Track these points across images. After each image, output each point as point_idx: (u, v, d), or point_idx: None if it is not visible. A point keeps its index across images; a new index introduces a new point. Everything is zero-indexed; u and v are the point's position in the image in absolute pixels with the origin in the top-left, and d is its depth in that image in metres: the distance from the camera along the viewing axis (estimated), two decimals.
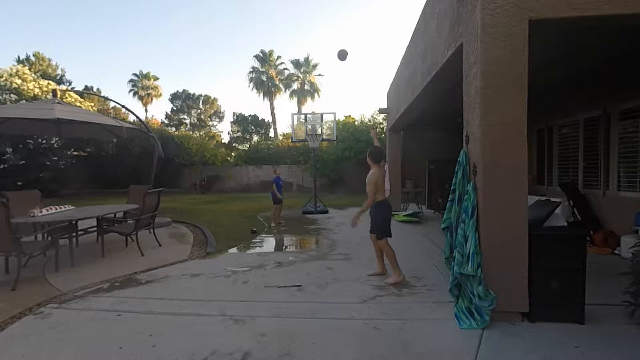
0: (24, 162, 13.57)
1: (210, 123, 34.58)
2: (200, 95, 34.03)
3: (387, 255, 3.87)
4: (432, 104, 6.83)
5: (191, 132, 29.37)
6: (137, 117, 8.78)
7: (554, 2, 2.69)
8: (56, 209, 4.95)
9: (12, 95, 14.57)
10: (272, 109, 31.59)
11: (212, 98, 34.27)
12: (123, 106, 8.47)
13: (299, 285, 3.75)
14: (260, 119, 31.64)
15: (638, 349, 2.39)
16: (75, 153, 17.13)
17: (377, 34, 67.21)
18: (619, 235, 4.81)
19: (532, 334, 2.61)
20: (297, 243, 6.32)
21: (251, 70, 31.13)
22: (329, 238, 6.42)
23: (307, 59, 30.95)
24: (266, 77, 30.87)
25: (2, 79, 14.74)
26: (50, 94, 8.24)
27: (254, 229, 7.22)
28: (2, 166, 13.09)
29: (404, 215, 8.13)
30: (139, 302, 3.32)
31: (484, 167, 2.80)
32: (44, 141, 14.02)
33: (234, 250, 5.64)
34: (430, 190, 10.05)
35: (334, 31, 61.25)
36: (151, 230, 5.77)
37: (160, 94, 34.33)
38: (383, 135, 16.69)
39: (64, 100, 11.50)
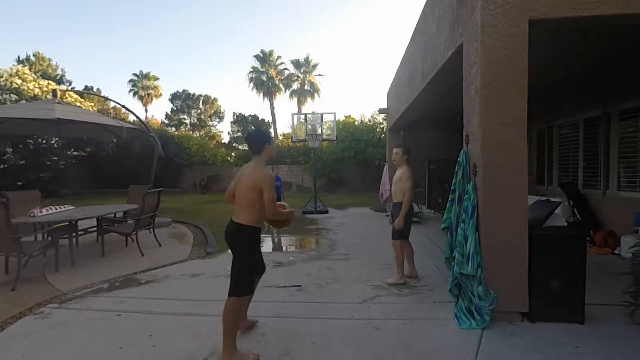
0: (24, 162, 13.55)
1: (210, 123, 34.57)
2: (200, 95, 34.03)
3: (395, 255, 3.84)
4: (432, 104, 6.82)
5: (191, 132, 29.38)
6: (137, 117, 8.78)
7: (554, 2, 2.70)
8: (56, 209, 4.95)
9: (12, 95, 14.57)
10: (272, 109, 31.59)
11: (212, 98, 34.27)
12: (123, 106, 8.47)
13: (299, 285, 3.75)
14: (260, 119, 31.65)
15: (638, 349, 2.39)
16: (75, 153, 17.12)
17: (377, 34, 67.28)
18: (619, 235, 4.81)
19: (532, 334, 2.61)
20: (297, 243, 6.32)
21: (251, 70, 31.14)
22: (329, 238, 6.42)
23: (307, 59, 30.95)
24: (266, 77, 30.85)
25: (2, 79, 14.74)
26: (50, 94, 8.24)
27: None
28: (2, 166, 13.07)
29: None
30: (139, 302, 3.32)
31: (484, 167, 2.80)
32: (44, 141, 14.00)
33: None
34: (430, 190, 10.05)
35: (334, 31, 61.33)
36: (151, 230, 5.76)
37: (160, 94, 34.34)
38: (383, 135, 16.70)
39: (64, 100, 11.50)
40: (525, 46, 2.74)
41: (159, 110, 78.39)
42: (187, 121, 33.80)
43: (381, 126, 17.90)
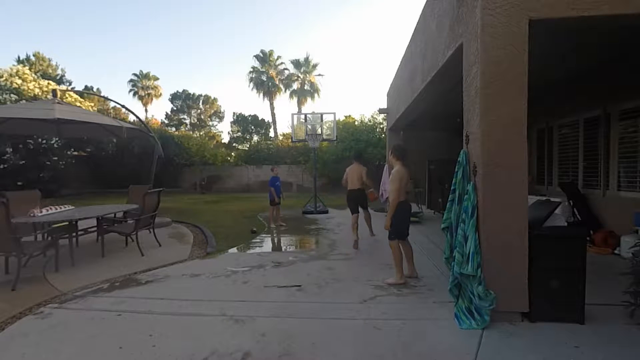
0: (24, 162, 13.54)
1: (210, 123, 34.58)
2: (200, 95, 34.04)
3: (393, 256, 3.84)
4: (432, 104, 6.82)
5: (191, 132, 29.36)
6: (137, 117, 8.79)
7: (554, 2, 2.69)
8: (56, 209, 4.95)
9: (12, 95, 14.55)
10: (272, 109, 31.58)
11: (212, 98, 34.28)
12: (123, 106, 8.48)
13: (299, 285, 3.75)
14: (260, 119, 31.65)
15: (638, 349, 2.39)
16: (75, 153, 17.10)
17: (377, 34, 67.30)
18: (619, 235, 4.81)
19: (532, 334, 2.61)
20: (297, 243, 6.32)
21: (251, 70, 31.13)
22: (329, 238, 6.42)
23: (307, 59, 30.94)
24: (266, 77, 30.85)
25: (2, 79, 14.72)
26: (50, 94, 8.25)
27: (254, 229, 7.22)
28: (2, 166, 13.06)
29: None
30: (139, 302, 3.33)
31: (484, 167, 2.80)
32: (44, 141, 13.99)
33: (234, 250, 5.64)
34: (430, 190, 10.05)
35: (334, 31, 61.37)
36: (151, 230, 5.76)
37: (160, 94, 34.33)
38: (383, 135, 16.70)
39: (64, 100, 11.49)
40: (525, 46, 2.74)
41: (159, 110, 78.39)
42: (187, 121, 33.80)
43: (381, 126, 17.89)
